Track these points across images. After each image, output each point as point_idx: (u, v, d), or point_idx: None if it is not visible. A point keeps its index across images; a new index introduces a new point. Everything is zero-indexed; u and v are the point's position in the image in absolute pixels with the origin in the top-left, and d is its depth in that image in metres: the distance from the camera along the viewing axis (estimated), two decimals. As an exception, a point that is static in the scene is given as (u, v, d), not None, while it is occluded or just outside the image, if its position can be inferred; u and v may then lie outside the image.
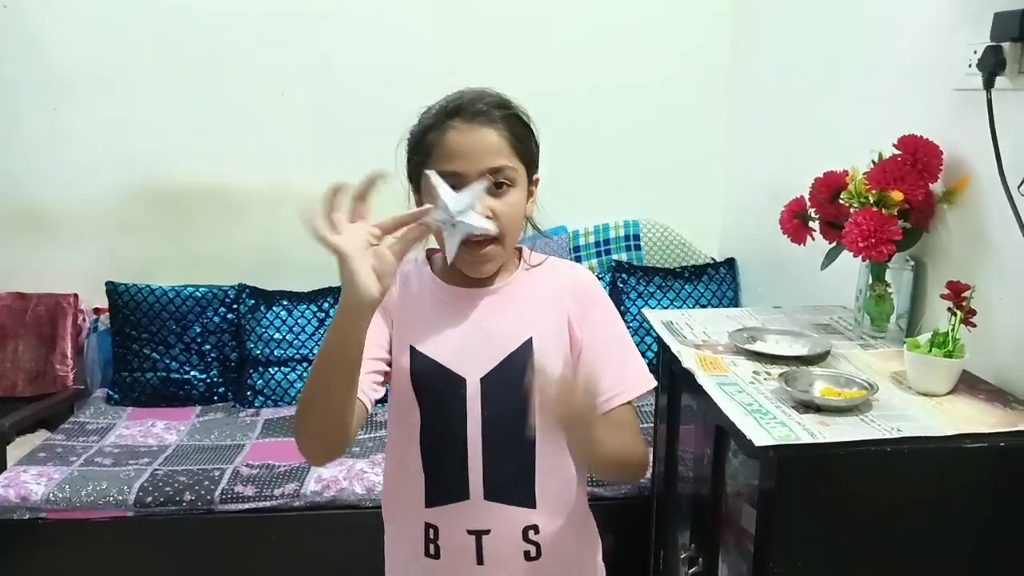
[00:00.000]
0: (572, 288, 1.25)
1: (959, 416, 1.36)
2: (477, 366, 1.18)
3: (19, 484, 2.28)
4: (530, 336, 1.18)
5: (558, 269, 1.29)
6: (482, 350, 1.18)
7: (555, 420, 1.02)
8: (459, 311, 1.21)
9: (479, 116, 1.13)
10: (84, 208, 2.97)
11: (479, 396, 1.18)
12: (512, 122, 1.16)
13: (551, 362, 1.15)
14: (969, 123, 1.58)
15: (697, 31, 3.06)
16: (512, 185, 1.15)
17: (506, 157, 1.14)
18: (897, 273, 1.78)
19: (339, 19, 2.93)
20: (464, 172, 1.11)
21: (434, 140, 1.14)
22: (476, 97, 1.16)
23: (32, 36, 2.85)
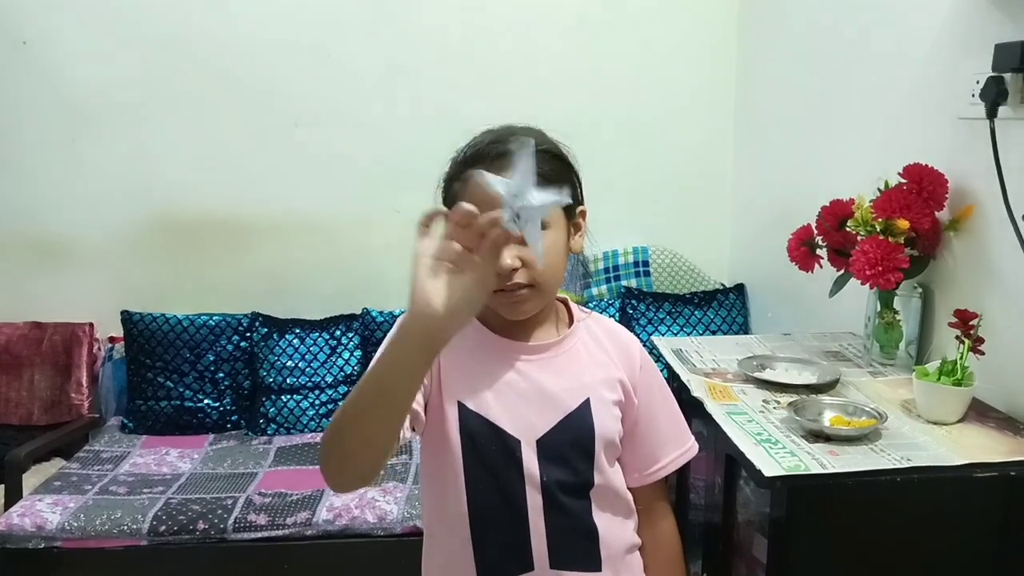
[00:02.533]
0: (626, 350, 1.21)
1: (969, 445, 1.37)
2: (533, 427, 1.10)
3: (34, 513, 2.29)
4: (588, 397, 1.13)
5: (609, 326, 1.25)
6: (538, 410, 1.11)
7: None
8: (511, 366, 1.12)
9: (501, 159, 1.05)
10: (100, 238, 3.01)
11: (536, 459, 1.10)
12: (540, 160, 1.01)
13: (609, 424, 1.14)
14: (973, 152, 1.59)
15: (704, 59, 3.09)
16: (546, 227, 1.06)
17: None
18: (905, 300, 1.79)
19: (351, 51, 2.98)
20: None
21: (458, 192, 1.09)
22: (496, 139, 1.09)
23: (50, 71, 2.91)
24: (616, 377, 1.17)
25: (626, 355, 1.20)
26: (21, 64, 2.90)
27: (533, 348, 1.15)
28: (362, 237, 3.07)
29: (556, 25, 3.03)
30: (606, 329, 1.23)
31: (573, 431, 1.11)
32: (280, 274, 3.07)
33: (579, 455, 1.12)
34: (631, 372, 1.19)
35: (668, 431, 1.22)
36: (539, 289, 1.09)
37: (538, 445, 1.10)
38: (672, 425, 1.23)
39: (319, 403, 2.91)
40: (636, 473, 1.21)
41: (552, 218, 1.08)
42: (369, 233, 3.07)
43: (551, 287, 1.12)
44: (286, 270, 3.07)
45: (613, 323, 1.27)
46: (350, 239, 3.07)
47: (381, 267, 3.07)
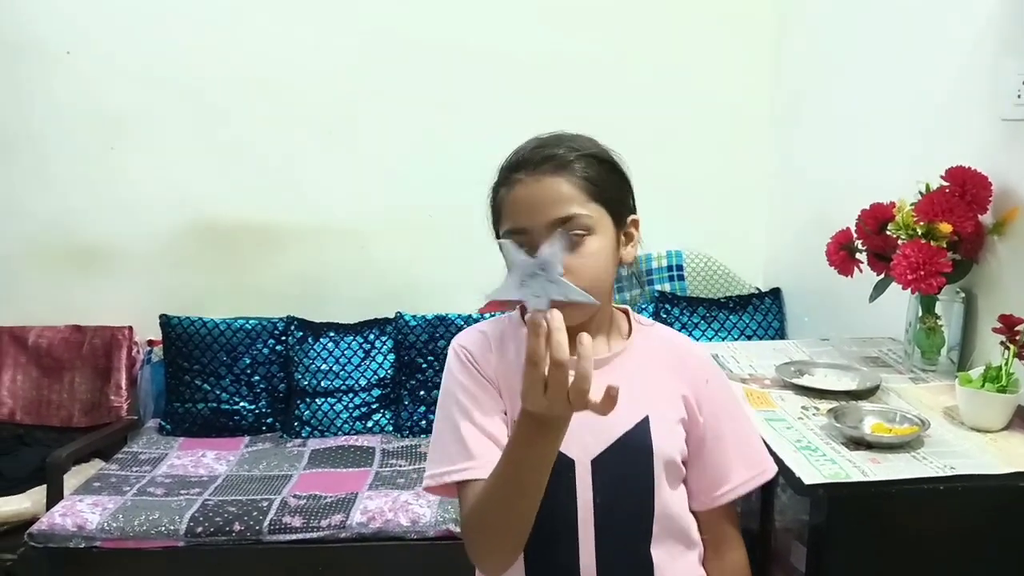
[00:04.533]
0: (690, 364, 1.14)
1: (1015, 453, 1.34)
2: (588, 446, 1.06)
3: (75, 513, 2.33)
4: (646, 415, 1.08)
5: (674, 341, 1.18)
6: (594, 428, 1.04)
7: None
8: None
9: (543, 165, 1.04)
10: (138, 244, 3.06)
11: (590, 480, 1.06)
12: (586, 164, 1.05)
13: (670, 444, 1.09)
14: (1018, 153, 1.56)
15: (740, 59, 3.06)
16: (590, 233, 1.03)
17: (578, 204, 1.03)
18: (947, 305, 1.75)
19: (383, 57, 3.00)
20: (529, 227, 1.03)
21: (503, 198, 1.07)
22: (541, 144, 1.07)
23: (91, 80, 2.97)
24: (679, 393, 1.11)
25: (691, 369, 1.13)
26: (64, 74, 2.96)
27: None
28: (395, 241, 3.09)
29: (587, 26, 3.02)
30: (670, 341, 1.17)
31: (630, 451, 1.06)
32: (315, 278, 3.10)
33: (636, 477, 1.07)
34: (696, 387, 1.12)
35: (738, 451, 1.13)
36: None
37: (593, 465, 1.06)
38: (743, 444, 1.14)
39: (353, 406, 2.93)
40: (702, 496, 1.13)
41: (599, 225, 1.04)
42: (402, 237, 3.08)
43: (596, 295, 1.00)
44: (321, 274, 3.10)
45: (679, 335, 1.21)
46: (384, 243, 3.09)
47: (414, 271, 3.08)
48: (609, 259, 1.06)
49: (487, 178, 1.12)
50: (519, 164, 1.06)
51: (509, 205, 1.05)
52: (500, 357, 1.11)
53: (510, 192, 1.05)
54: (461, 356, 1.12)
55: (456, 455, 1.06)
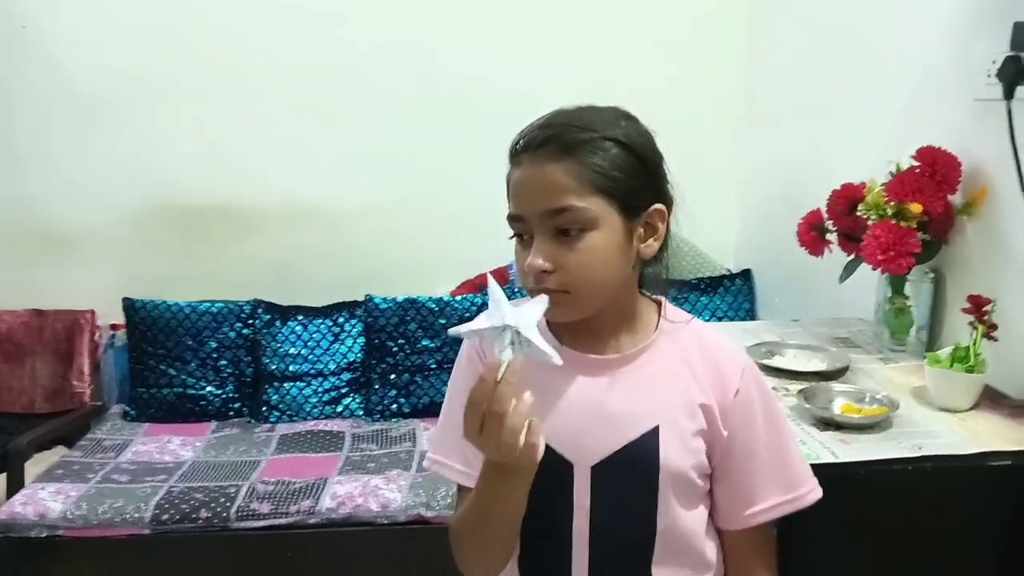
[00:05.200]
0: (723, 377, 1.02)
1: (982, 432, 1.34)
2: (589, 451, 0.99)
3: (37, 501, 2.28)
4: (657, 424, 0.98)
5: (708, 342, 1.05)
6: (598, 433, 0.98)
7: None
8: (573, 380, 1.00)
9: (544, 148, 0.94)
10: (101, 225, 2.98)
11: (588, 486, 0.99)
12: (595, 151, 0.94)
13: (681, 457, 0.99)
14: (988, 133, 1.56)
15: (712, 41, 3.04)
16: (588, 228, 0.93)
17: (575, 196, 0.93)
18: (916, 285, 1.76)
19: (352, 34, 2.94)
20: (526, 215, 0.95)
21: (509, 179, 0.98)
22: (549, 124, 0.97)
23: (50, 58, 2.88)
24: (698, 402, 1.00)
25: (719, 376, 1.02)
26: (21, 51, 2.87)
27: (600, 362, 1.01)
28: (365, 224, 3.05)
29: (557, 3, 2.98)
30: (704, 343, 1.04)
31: (635, 461, 0.98)
32: (282, 261, 3.05)
33: (639, 490, 0.98)
34: (722, 397, 1.01)
35: (771, 469, 1.02)
36: (575, 295, 0.95)
37: (593, 472, 0.98)
38: (778, 463, 1.03)
39: (322, 390, 2.89)
40: (728, 515, 1.04)
41: (602, 218, 0.94)
42: (372, 220, 3.04)
43: (591, 294, 0.96)
44: (288, 257, 3.05)
45: (716, 336, 1.07)
46: (353, 226, 3.04)
47: (384, 254, 3.05)
48: (612, 255, 0.96)
49: (457, 161, 1.07)
50: (524, 145, 0.96)
51: (512, 188, 0.98)
52: None
53: (513, 174, 0.97)
54: (469, 352, 1.07)
55: (454, 453, 1.05)
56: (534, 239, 0.95)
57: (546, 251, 0.94)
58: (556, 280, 0.94)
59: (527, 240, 0.96)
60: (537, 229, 0.95)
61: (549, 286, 0.94)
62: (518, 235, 0.98)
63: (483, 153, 2.97)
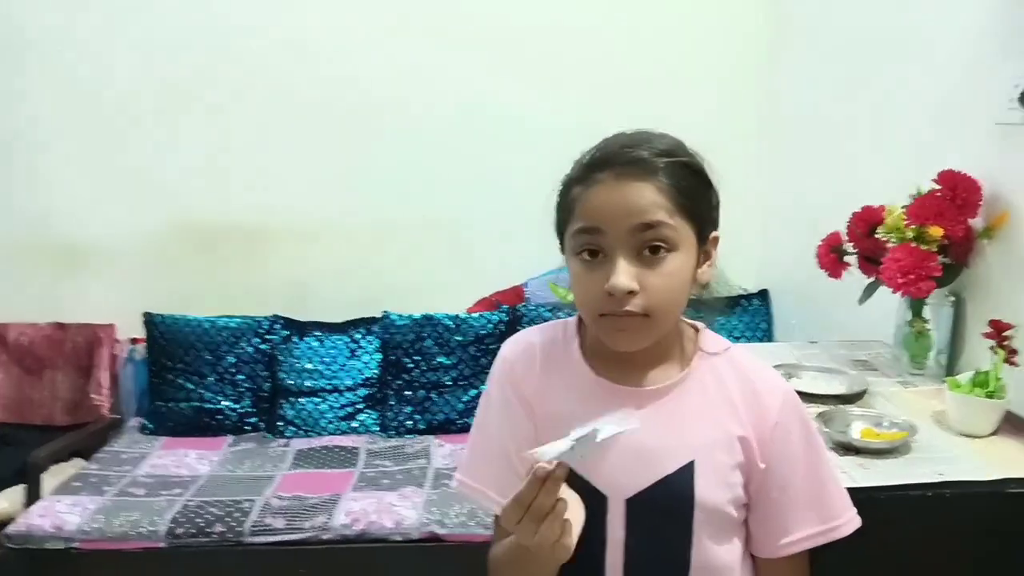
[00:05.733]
0: (761, 408, 1.00)
1: (1003, 459, 1.33)
2: (624, 485, 0.97)
3: (53, 514, 2.30)
4: (692, 459, 0.97)
5: (747, 371, 1.03)
6: (634, 467, 0.97)
7: None
8: (610, 412, 0.95)
9: (631, 167, 0.93)
10: (122, 241, 3.02)
11: (623, 520, 0.98)
12: (677, 172, 0.95)
13: (718, 493, 0.98)
14: (1010, 158, 1.55)
15: (732, 63, 3.04)
16: (672, 249, 0.93)
17: (664, 214, 0.92)
18: (936, 309, 1.74)
19: (369, 54, 2.97)
20: (608, 231, 0.93)
21: (578, 196, 0.96)
22: (629, 143, 0.96)
23: (73, 78, 2.93)
24: (736, 435, 0.98)
25: (758, 407, 0.99)
26: (43, 68, 2.92)
27: (637, 394, 0.99)
28: (382, 241, 3.07)
29: (577, 25, 3.00)
30: (742, 371, 1.02)
31: (669, 496, 0.97)
32: (300, 277, 3.07)
33: (673, 525, 0.97)
34: (760, 429, 0.99)
35: (808, 499, 1.00)
36: (653, 320, 0.93)
37: (627, 505, 0.97)
38: (815, 492, 1.00)
39: (338, 405, 2.90)
40: (762, 544, 1.02)
41: (682, 240, 0.94)
42: (389, 237, 3.06)
43: (667, 319, 0.96)
44: (306, 273, 3.07)
45: (756, 364, 1.05)
46: (370, 243, 3.06)
47: (401, 271, 3.06)
48: (687, 280, 0.96)
49: (474, 179, 1.07)
50: (603, 162, 0.95)
51: (585, 204, 0.94)
52: (544, 375, 1.03)
53: (587, 190, 0.95)
54: (502, 370, 1.06)
55: (488, 478, 1.04)
56: (615, 259, 0.92)
57: (632, 271, 0.92)
58: (639, 303, 0.92)
59: (596, 260, 0.94)
60: (621, 247, 0.92)
61: (630, 308, 0.92)
62: (587, 251, 0.94)
63: (501, 171, 3.02)
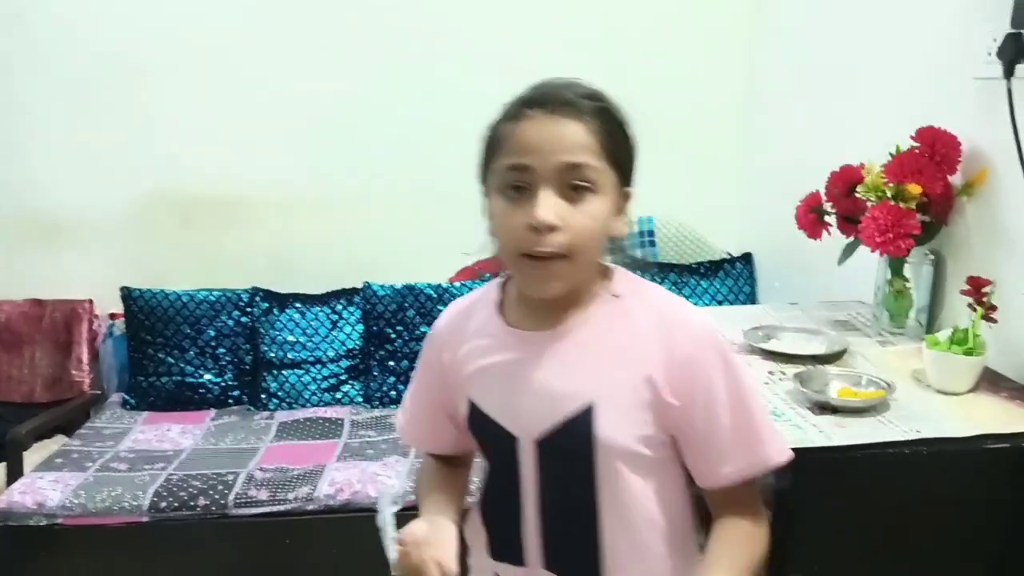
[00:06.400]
0: (670, 345, 0.98)
1: (981, 415, 1.33)
2: (532, 427, 1.01)
3: (35, 490, 2.28)
4: (592, 402, 0.98)
5: (662, 310, 1.02)
6: (539, 409, 1.00)
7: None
8: (521, 359, 1.02)
9: (563, 106, 0.94)
10: (98, 214, 2.97)
11: (534, 460, 1.02)
12: (605, 118, 0.97)
13: (622, 433, 0.98)
14: (988, 113, 1.54)
15: (714, 24, 3.00)
16: (594, 191, 0.94)
17: (591, 155, 0.94)
18: (916, 267, 1.74)
19: (350, 22, 2.91)
20: (535, 167, 0.93)
21: (507, 132, 0.96)
22: (564, 86, 0.98)
23: (45, 45, 2.86)
24: (642, 374, 0.98)
25: (668, 344, 0.98)
26: (17, 40, 2.85)
27: (540, 338, 1.01)
28: (363, 210, 3.03)
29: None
30: (656, 310, 1.01)
31: (572, 437, 0.99)
32: (280, 248, 3.03)
33: (579, 464, 0.99)
34: (670, 366, 0.98)
35: (736, 434, 0.99)
36: (573, 261, 0.94)
37: (537, 446, 1.01)
38: (742, 424, 1.00)
39: (321, 377, 2.88)
40: (702, 476, 1.03)
41: (604, 184, 0.95)
42: (370, 206, 3.02)
43: (585, 261, 0.97)
44: (286, 244, 3.03)
45: (672, 303, 1.04)
46: (350, 213, 3.02)
47: (382, 240, 3.03)
48: (604, 224, 0.97)
49: (454, 147, 1.06)
50: (534, 100, 0.96)
51: (514, 139, 0.95)
52: (468, 337, 1.08)
53: (518, 126, 0.95)
54: (430, 337, 1.15)
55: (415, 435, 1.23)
56: (537, 194, 0.93)
57: (555, 205, 0.92)
58: (560, 240, 0.93)
59: (521, 196, 0.94)
60: (545, 183, 0.93)
61: (550, 247, 0.92)
62: (513, 187, 0.95)
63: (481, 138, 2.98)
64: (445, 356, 1.10)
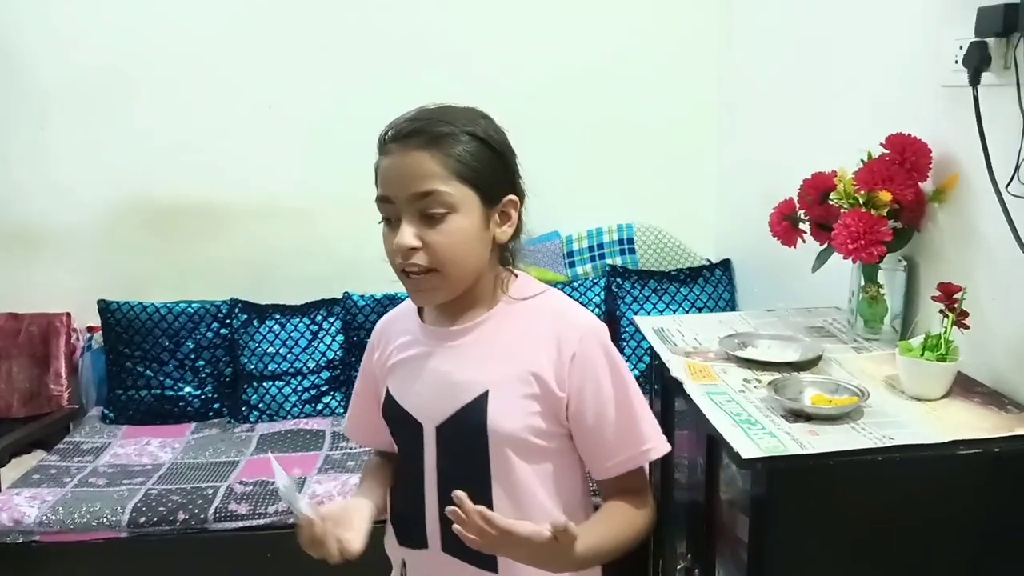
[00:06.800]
0: (559, 342, 1.10)
1: (954, 421, 1.34)
2: (434, 414, 1.13)
3: (12, 507, 2.26)
4: (486, 390, 1.09)
5: (552, 313, 1.14)
6: (440, 397, 1.12)
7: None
8: (429, 353, 1.15)
9: (412, 138, 1.06)
10: (74, 226, 2.95)
11: (435, 445, 1.13)
12: (459, 143, 1.06)
13: (512, 421, 1.09)
14: (957, 120, 1.55)
15: (687, 32, 3.03)
16: (451, 211, 1.05)
17: (440, 181, 1.04)
18: (890, 274, 1.75)
19: (325, 30, 2.91)
20: (392, 197, 1.06)
21: (377, 166, 1.10)
22: (416, 117, 1.09)
23: (14, 53, 2.84)
24: (530, 370, 1.09)
25: (558, 342, 1.10)
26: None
27: (442, 334, 1.15)
28: (342, 220, 3.00)
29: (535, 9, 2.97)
30: (553, 312, 1.14)
31: (466, 423, 1.10)
32: (259, 259, 3.02)
33: (473, 448, 1.10)
34: (559, 362, 1.09)
35: (619, 428, 1.11)
36: (443, 274, 1.07)
37: (437, 432, 1.13)
38: (625, 420, 1.12)
39: (301, 389, 2.87)
40: (593, 469, 1.16)
41: (464, 203, 1.06)
42: (349, 216, 2.97)
43: (458, 273, 1.08)
44: (265, 255, 3.02)
45: (567, 306, 1.16)
46: (329, 222, 3.02)
47: (362, 250, 2.98)
48: (473, 238, 1.08)
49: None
50: (393, 135, 1.08)
51: (380, 173, 1.09)
52: (395, 340, 1.22)
53: (381, 162, 1.09)
54: (369, 344, 1.29)
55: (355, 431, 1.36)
56: (401, 221, 1.06)
57: (413, 231, 1.05)
58: (423, 258, 1.06)
59: (395, 223, 1.07)
60: (405, 212, 1.06)
61: (419, 263, 1.05)
62: (386, 219, 1.09)
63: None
64: (375, 355, 1.24)
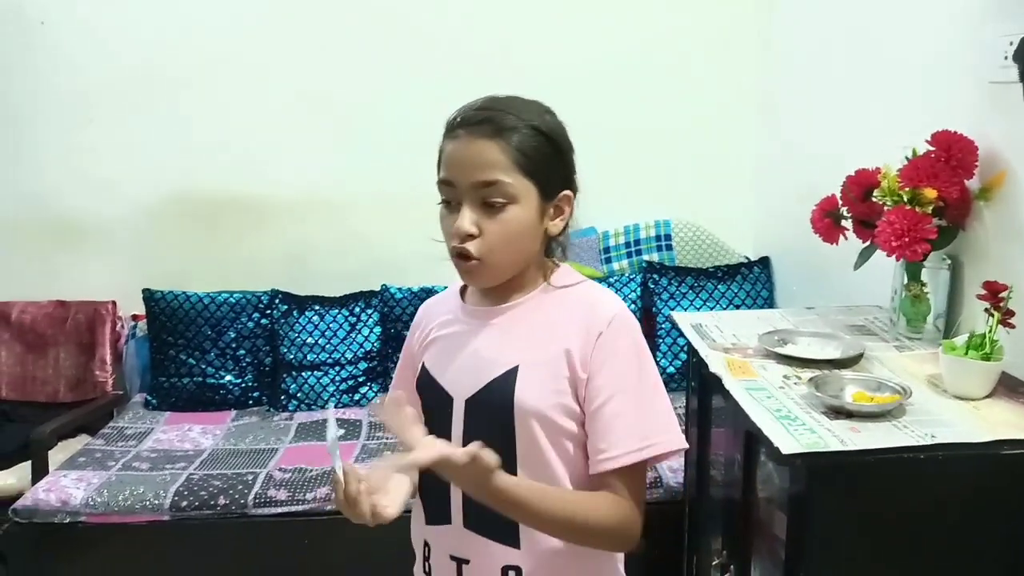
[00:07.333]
0: (588, 324, 1.11)
1: (997, 421, 1.32)
2: (465, 387, 1.14)
3: (60, 488, 2.32)
4: (516, 364, 1.11)
5: (587, 299, 1.16)
6: (471, 371, 1.14)
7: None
8: (467, 331, 1.18)
9: (481, 126, 1.08)
10: (119, 219, 3.02)
11: (463, 418, 1.14)
12: (523, 135, 1.08)
13: (537, 396, 1.09)
14: (1005, 116, 1.53)
15: (725, 27, 3.02)
16: (511, 202, 1.07)
17: (503, 172, 1.07)
18: (933, 272, 1.73)
19: (361, 29, 2.95)
20: (455, 182, 1.09)
21: (442, 150, 1.13)
22: (485, 106, 1.11)
23: (65, 52, 2.92)
24: (564, 348, 1.10)
25: (588, 323, 1.11)
26: (39, 47, 2.91)
27: (480, 312, 1.18)
28: (380, 214, 3.05)
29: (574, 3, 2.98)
30: (587, 302, 1.16)
31: (495, 397, 1.11)
32: (299, 251, 3.07)
33: (499, 423, 1.11)
34: (586, 342, 1.10)
35: (629, 417, 1.08)
36: (485, 263, 1.09)
37: (466, 405, 1.14)
38: (637, 411, 1.09)
39: (339, 379, 2.91)
40: (590, 463, 1.11)
41: (523, 195, 1.08)
42: (387, 210, 3.05)
43: (501, 264, 1.11)
44: (305, 247, 3.07)
45: (603, 298, 1.17)
46: (368, 216, 3.06)
47: (399, 244, 3.04)
48: (527, 229, 1.10)
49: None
50: (461, 121, 1.10)
51: (445, 157, 1.11)
52: (438, 320, 1.23)
53: (447, 145, 1.11)
54: (412, 325, 1.30)
55: None
56: (462, 206, 1.08)
57: (473, 217, 1.08)
58: (473, 247, 1.08)
59: (454, 206, 1.10)
60: (466, 198, 1.08)
61: (470, 250, 1.08)
62: (446, 201, 1.12)
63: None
64: (417, 335, 1.27)
